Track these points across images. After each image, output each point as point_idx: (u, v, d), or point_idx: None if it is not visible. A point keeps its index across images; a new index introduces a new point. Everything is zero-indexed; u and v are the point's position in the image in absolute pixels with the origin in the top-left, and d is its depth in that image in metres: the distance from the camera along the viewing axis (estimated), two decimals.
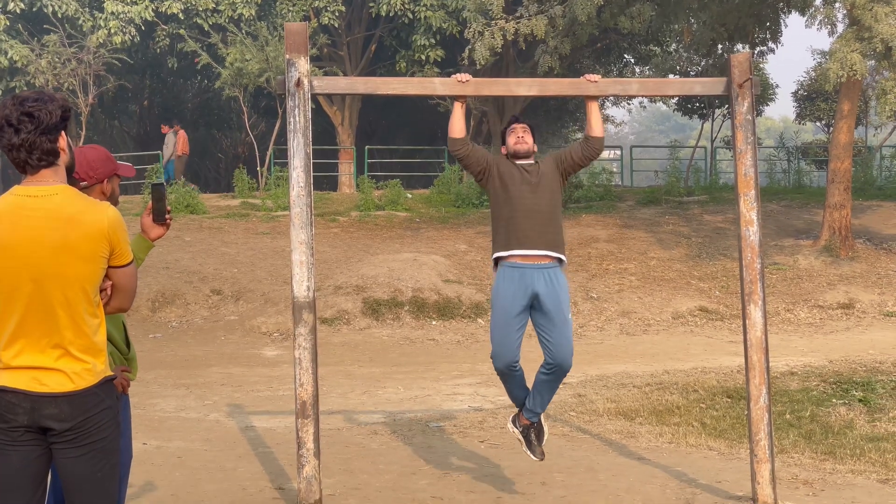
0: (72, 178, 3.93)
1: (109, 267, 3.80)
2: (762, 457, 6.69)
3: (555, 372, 6.77)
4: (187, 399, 11.25)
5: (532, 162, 6.95)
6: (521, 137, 6.97)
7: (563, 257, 6.83)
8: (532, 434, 7.05)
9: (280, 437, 8.94)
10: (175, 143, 27.64)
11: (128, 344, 4.68)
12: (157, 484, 7.26)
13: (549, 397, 7.01)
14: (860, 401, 10.07)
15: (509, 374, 6.88)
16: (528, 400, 6.98)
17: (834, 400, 10.22)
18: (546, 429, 7.17)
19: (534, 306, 6.73)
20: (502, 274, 6.80)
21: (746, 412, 7.01)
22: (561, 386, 11.20)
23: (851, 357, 13.31)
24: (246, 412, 10.37)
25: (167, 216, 4.46)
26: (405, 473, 7.68)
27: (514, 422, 7.15)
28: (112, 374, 3.88)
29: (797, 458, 8.10)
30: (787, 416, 9.54)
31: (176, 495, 6.98)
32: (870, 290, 18.55)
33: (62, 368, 3.70)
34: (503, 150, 7.10)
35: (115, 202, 4.56)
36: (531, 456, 7.08)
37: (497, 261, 6.88)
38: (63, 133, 3.76)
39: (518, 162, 6.94)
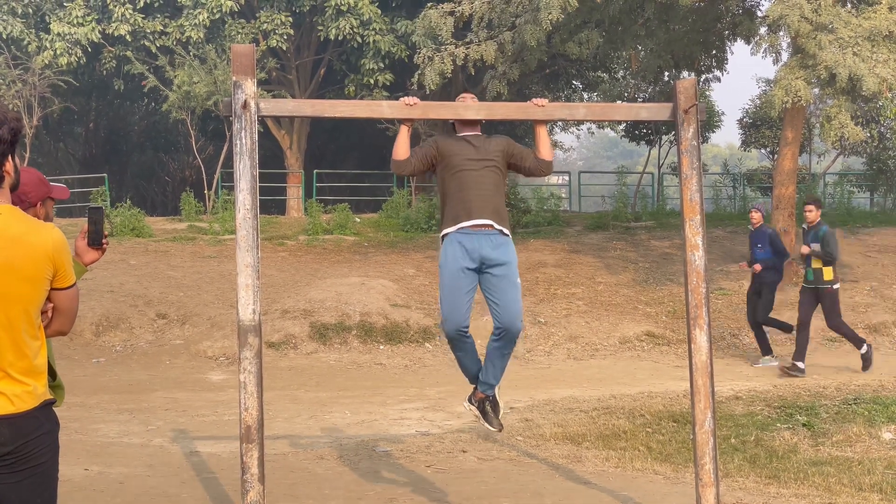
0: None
1: (52, 289, 3.74)
2: (707, 481, 6.71)
3: (504, 336, 6.77)
4: (130, 424, 11.11)
5: (478, 133, 6.97)
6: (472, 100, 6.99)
7: (507, 232, 6.85)
8: (488, 407, 7.08)
9: (224, 463, 8.84)
10: None
11: (53, 374, 4.50)
12: None
13: (502, 367, 7.00)
14: (804, 425, 10.16)
15: (459, 341, 6.86)
16: (482, 372, 6.99)
17: (778, 424, 10.29)
18: (501, 403, 7.19)
19: (481, 270, 6.73)
20: (450, 239, 6.79)
21: (692, 436, 7.03)
22: (509, 410, 11.28)
23: (795, 382, 13.43)
24: (190, 437, 10.26)
25: (104, 241, 4.37)
26: (351, 499, 7.63)
27: (469, 400, 7.18)
28: (52, 397, 3.82)
29: (742, 482, 8.14)
30: (732, 441, 9.59)
31: None
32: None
33: (2, 391, 3.62)
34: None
35: None
36: (489, 428, 7.11)
37: (444, 237, 6.88)
38: (10, 155, 3.68)
39: (464, 133, 6.97)
